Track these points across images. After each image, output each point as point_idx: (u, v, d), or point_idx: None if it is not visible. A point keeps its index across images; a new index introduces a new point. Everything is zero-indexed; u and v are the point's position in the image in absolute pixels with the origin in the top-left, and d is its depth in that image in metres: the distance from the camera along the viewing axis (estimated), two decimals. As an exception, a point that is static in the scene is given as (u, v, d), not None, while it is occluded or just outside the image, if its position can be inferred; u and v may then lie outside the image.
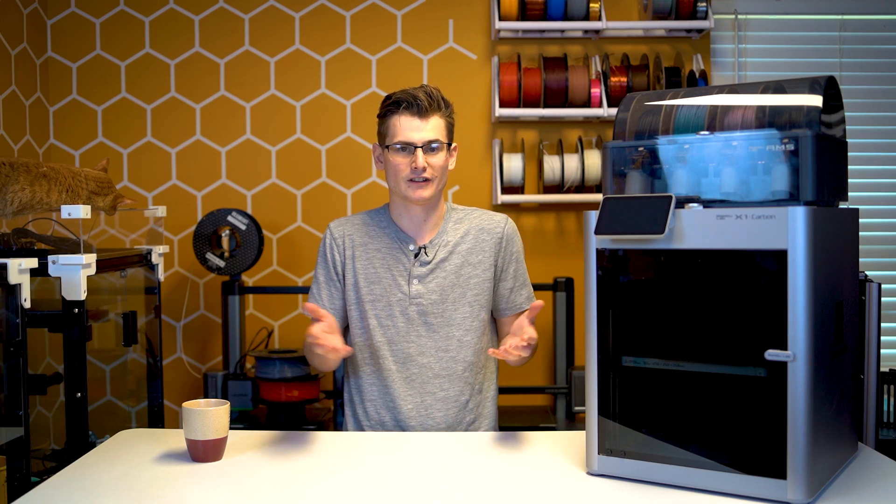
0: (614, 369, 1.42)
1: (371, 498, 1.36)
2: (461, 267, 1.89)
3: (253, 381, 2.80)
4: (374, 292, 1.88)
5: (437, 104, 1.85)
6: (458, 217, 1.95)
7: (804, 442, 1.25)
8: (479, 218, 1.95)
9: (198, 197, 3.18)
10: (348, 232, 1.93)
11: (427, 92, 1.84)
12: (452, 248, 1.90)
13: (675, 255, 1.35)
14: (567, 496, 1.37)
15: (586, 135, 3.17)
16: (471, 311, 1.89)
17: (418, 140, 1.82)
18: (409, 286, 1.87)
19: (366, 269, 1.89)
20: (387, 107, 1.87)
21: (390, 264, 1.89)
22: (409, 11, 3.16)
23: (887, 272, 3.23)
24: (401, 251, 1.89)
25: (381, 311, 1.87)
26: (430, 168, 1.83)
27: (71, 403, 2.03)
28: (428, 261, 1.88)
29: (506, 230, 1.94)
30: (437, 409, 1.87)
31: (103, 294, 2.51)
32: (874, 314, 1.76)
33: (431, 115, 1.84)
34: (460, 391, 1.88)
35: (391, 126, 1.85)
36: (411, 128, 1.82)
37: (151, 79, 3.16)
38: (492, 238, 1.92)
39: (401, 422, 1.86)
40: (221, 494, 1.38)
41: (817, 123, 1.33)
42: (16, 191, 1.96)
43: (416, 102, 1.82)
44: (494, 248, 1.92)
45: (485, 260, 1.91)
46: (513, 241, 1.95)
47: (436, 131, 1.84)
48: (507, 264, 1.94)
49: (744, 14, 3.21)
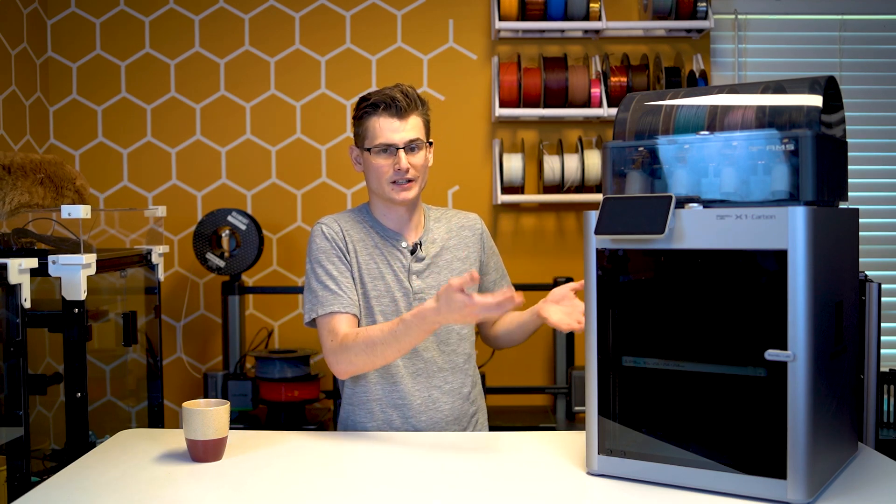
0: (614, 369, 1.42)
1: (371, 498, 1.36)
2: (452, 262, 1.91)
3: (253, 381, 2.81)
4: (378, 288, 1.88)
5: (415, 103, 1.84)
6: (436, 216, 1.97)
7: (804, 442, 1.25)
8: (455, 217, 1.99)
9: (198, 197, 3.18)
10: (345, 227, 1.91)
11: (403, 91, 1.83)
12: (441, 244, 1.92)
13: (675, 255, 1.35)
14: (567, 496, 1.37)
15: (586, 135, 3.17)
16: None
17: (399, 141, 1.81)
18: (410, 282, 1.87)
19: (367, 264, 1.88)
20: (364, 109, 1.84)
21: (389, 261, 1.89)
22: (409, 11, 3.16)
23: (887, 272, 3.23)
24: (395, 248, 1.89)
25: (387, 307, 1.87)
26: (412, 168, 1.83)
27: (71, 403, 2.03)
28: (423, 256, 1.89)
29: (482, 227, 2.00)
30: (445, 402, 1.87)
31: (103, 294, 2.51)
32: (874, 314, 1.76)
33: (410, 115, 1.83)
34: (462, 383, 1.89)
35: (370, 128, 1.83)
36: (391, 129, 1.81)
37: (151, 79, 3.16)
38: (473, 234, 1.97)
39: (410, 418, 1.85)
40: (221, 494, 1.38)
41: (817, 123, 1.33)
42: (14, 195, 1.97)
43: (395, 103, 1.80)
44: (477, 243, 1.97)
45: (470, 255, 1.94)
46: (488, 236, 2.02)
47: (415, 130, 1.83)
48: (489, 258, 1.99)
49: (744, 14, 3.21)
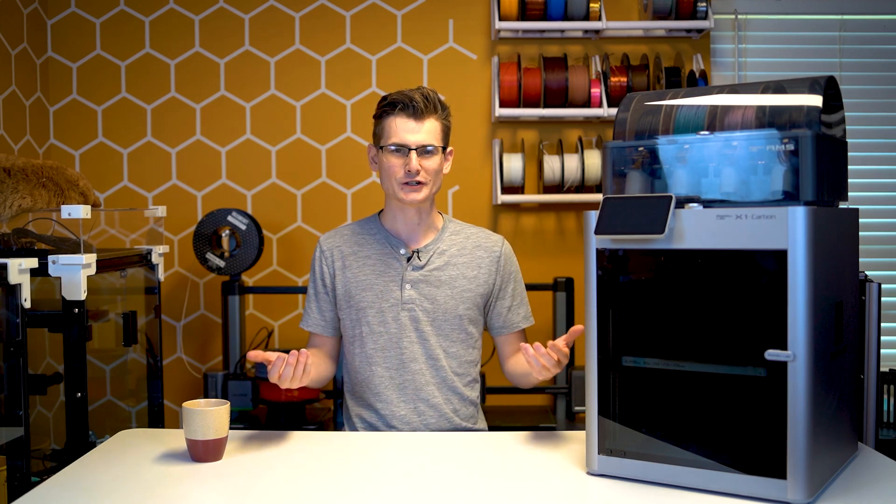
0: (614, 369, 1.42)
1: (371, 498, 1.36)
2: (456, 279, 1.88)
3: (253, 381, 2.80)
4: (366, 299, 1.87)
5: (434, 106, 1.83)
6: (454, 230, 1.94)
7: (804, 442, 1.25)
8: (475, 235, 1.94)
9: (198, 197, 3.18)
10: (336, 244, 1.93)
11: (423, 94, 1.82)
12: (448, 258, 1.89)
13: (675, 255, 1.35)
14: (567, 496, 1.37)
15: (586, 135, 3.17)
16: (459, 323, 1.88)
17: (412, 142, 1.80)
18: (401, 291, 1.86)
19: (357, 276, 1.88)
20: (382, 107, 1.85)
21: (381, 270, 1.87)
22: (409, 11, 3.16)
23: (887, 272, 3.23)
24: (392, 256, 1.88)
25: (374, 317, 1.86)
26: (423, 171, 1.81)
27: (71, 403, 2.03)
28: (421, 265, 1.86)
29: (503, 250, 1.94)
30: (430, 416, 1.86)
31: (103, 294, 2.51)
32: (874, 314, 1.76)
33: (427, 118, 1.82)
34: (447, 400, 1.88)
35: (386, 127, 1.83)
36: (406, 129, 1.81)
37: (151, 79, 3.16)
38: (489, 256, 1.91)
39: (394, 429, 1.86)
40: (221, 494, 1.38)
41: (817, 123, 1.33)
42: (15, 199, 1.97)
43: (412, 104, 1.80)
44: (492, 265, 1.91)
45: (480, 276, 1.90)
46: (510, 260, 1.94)
47: (430, 135, 1.82)
48: (506, 283, 1.93)
49: (744, 14, 3.20)
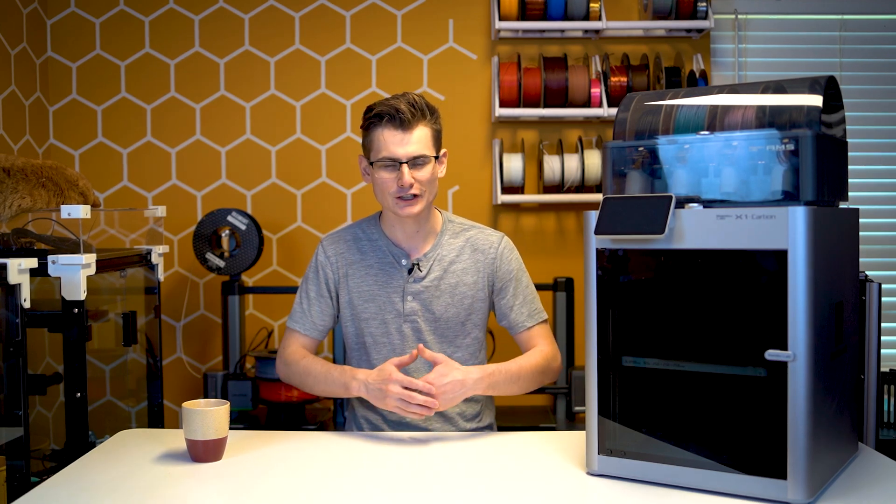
0: (614, 369, 1.42)
1: (371, 498, 1.36)
2: (456, 286, 1.85)
3: (253, 381, 2.80)
4: (368, 310, 1.85)
5: (421, 112, 1.77)
6: (454, 231, 1.90)
7: (804, 442, 1.25)
8: (474, 236, 1.89)
9: (198, 197, 3.18)
10: (341, 250, 1.89)
11: (409, 101, 1.75)
12: (447, 265, 1.86)
13: (675, 255, 1.35)
14: (567, 496, 1.37)
15: (586, 135, 3.17)
16: (463, 329, 1.87)
17: (402, 155, 1.74)
18: (403, 303, 1.84)
19: (360, 286, 1.86)
20: (369, 119, 1.78)
21: (384, 281, 1.85)
22: (409, 11, 3.16)
23: (887, 272, 3.23)
24: (394, 267, 1.85)
25: (377, 328, 1.85)
26: (417, 184, 1.76)
27: (71, 403, 2.03)
28: (422, 276, 1.84)
29: (500, 250, 1.88)
30: (436, 421, 1.85)
31: (103, 294, 2.51)
32: (874, 314, 1.76)
33: (415, 126, 1.75)
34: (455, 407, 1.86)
35: (375, 140, 1.77)
36: (395, 142, 1.74)
37: (151, 79, 3.16)
38: (485, 258, 1.87)
39: (399, 431, 1.85)
40: (221, 494, 1.38)
41: (817, 123, 1.33)
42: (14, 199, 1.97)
43: (399, 115, 1.73)
44: (488, 268, 1.87)
45: (479, 280, 1.87)
46: (508, 260, 1.89)
47: (420, 144, 1.76)
48: (505, 283, 1.88)
49: (744, 14, 3.20)
